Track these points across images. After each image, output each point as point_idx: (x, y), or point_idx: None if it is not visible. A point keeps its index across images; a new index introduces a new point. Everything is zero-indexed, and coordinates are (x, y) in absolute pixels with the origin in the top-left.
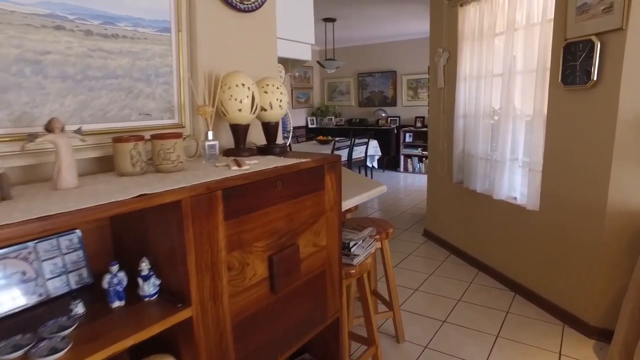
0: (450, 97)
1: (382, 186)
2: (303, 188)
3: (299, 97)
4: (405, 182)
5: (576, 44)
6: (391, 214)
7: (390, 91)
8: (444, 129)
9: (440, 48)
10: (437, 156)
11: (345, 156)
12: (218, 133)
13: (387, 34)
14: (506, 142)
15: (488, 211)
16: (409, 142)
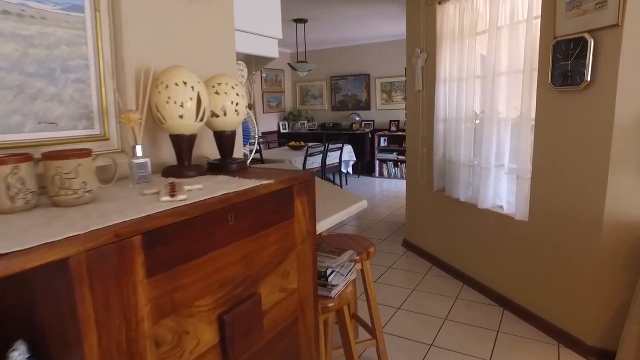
0: (429, 99)
1: (362, 201)
2: (265, 219)
3: (270, 101)
4: (381, 187)
5: (567, 43)
6: (368, 223)
7: (364, 95)
8: (422, 133)
9: (417, 48)
10: (415, 162)
11: (319, 162)
12: (158, 146)
13: (360, 36)
14: (490, 148)
15: (472, 221)
16: (383, 147)
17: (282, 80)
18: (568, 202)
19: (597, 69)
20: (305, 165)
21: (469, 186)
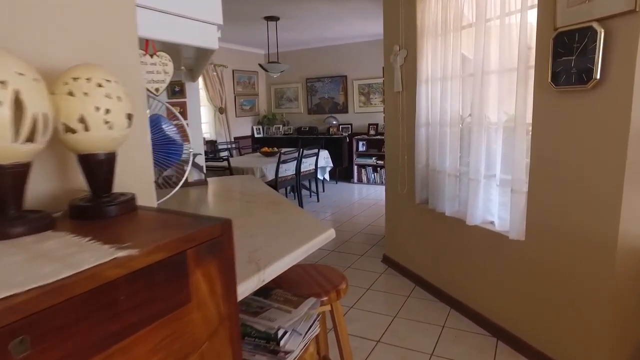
0: (409, 102)
1: (328, 231)
2: (123, 321)
3: (243, 104)
4: (360, 194)
5: (571, 34)
6: (345, 235)
7: (341, 97)
8: (403, 139)
9: (396, 45)
10: (395, 171)
11: (293, 169)
12: None
13: (336, 35)
14: (479, 156)
15: (460, 238)
16: (362, 152)
17: (255, 82)
18: (573, 221)
19: (609, 64)
20: (277, 173)
21: (456, 199)
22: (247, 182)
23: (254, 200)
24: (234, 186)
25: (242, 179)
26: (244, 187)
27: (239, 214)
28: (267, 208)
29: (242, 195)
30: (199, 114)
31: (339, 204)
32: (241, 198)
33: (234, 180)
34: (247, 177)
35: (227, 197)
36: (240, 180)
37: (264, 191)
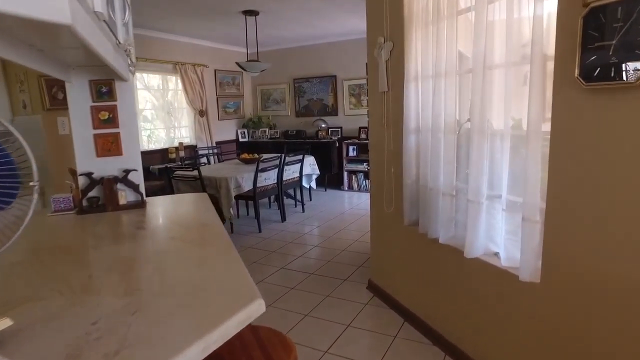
0: (397, 104)
1: (255, 302)
2: None
3: (227, 106)
4: (350, 203)
5: (610, 10)
6: (329, 254)
7: (330, 99)
8: (389, 148)
9: (380, 37)
10: (380, 186)
11: (275, 178)
12: None
13: (324, 33)
14: (480, 171)
15: (457, 271)
16: (352, 157)
17: (240, 83)
18: (609, 266)
19: None
20: (256, 183)
21: (451, 223)
22: (193, 205)
23: (182, 236)
24: (174, 210)
25: (192, 199)
26: (184, 212)
27: (143, 265)
28: (192, 253)
29: (172, 226)
30: (134, 121)
31: (327, 214)
32: (168, 232)
33: (181, 200)
34: (197, 197)
35: (151, 229)
36: (188, 201)
37: (206, 221)
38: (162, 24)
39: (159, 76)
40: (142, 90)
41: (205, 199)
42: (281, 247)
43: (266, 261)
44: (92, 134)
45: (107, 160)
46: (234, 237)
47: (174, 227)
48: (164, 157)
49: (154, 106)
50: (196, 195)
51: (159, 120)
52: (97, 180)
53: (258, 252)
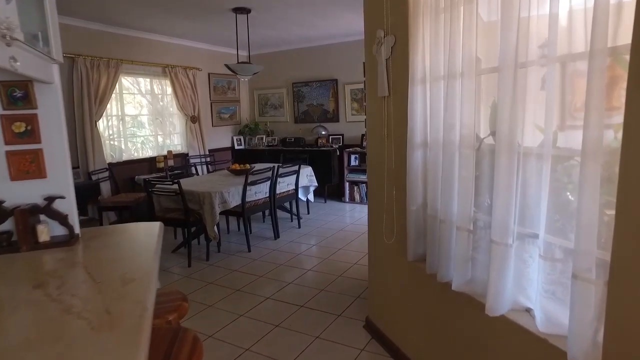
0: (399, 112)
1: None
2: None
3: (221, 112)
4: (351, 217)
5: None
6: (323, 280)
7: (331, 104)
8: (389, 165)
9: (380, 30)
10: (380, 210)
11: (267, 191)
12: None
13: (324, 34)
14: (508, 202)
15: (475, 326)
16: (354, 166)
17: (236, 87)
18: None
19: None
20: (244, 197)
21: (467, 264)
22: (136, 242)
23: (86, 306)
24: (106, 251)
25: (139, 233)
26: (116, 256)
27: None
28: (80, 345)
29: (85, 283)
30: (62, 134)
31: (325, 230)
32: (71, 295)
33: (125, 233)
34: (146, 230)
35: (53, 288)
36: (134, 235)
37: (135, 274)
38: (150, 24)
39: (148, 80)
40: (136, 95)
41: (155, 231)
42: (271, 270)
43: (252, 288)
44: (3, 151)
45: (24, 184)
46: (220, 257)
47: (84, 287)
48: (152, 167)
49: (148, 111)
50: (147, 227)
51: (154, 126)
52: (8, 210)
53: (244, 276)
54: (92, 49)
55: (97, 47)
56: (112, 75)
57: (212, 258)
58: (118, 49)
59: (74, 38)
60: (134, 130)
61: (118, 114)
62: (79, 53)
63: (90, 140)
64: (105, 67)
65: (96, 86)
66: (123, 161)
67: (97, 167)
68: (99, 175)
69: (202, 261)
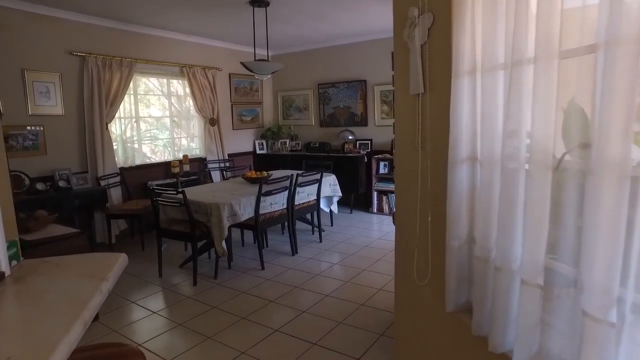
0: (438, 114)
1: None
2: None
3: (243, 114)
4: (379, 230)
5: None
6: (344, 309)
7: (359, 106)
8: (425, 184)
9: (413, 7)
10: (409, 239)
11: (284, 203)
12: None
13: (351, 31)
14: (611, 252)
15: None
16: (383, 174)
17: (259, 88)
18: None
19: None
20: (258, 209)
21: (536, 331)
22: (69, 291)
23: None
24: (20, 300)
25: (85, 270)
26: (25, 314)
27: None
28: None
29: None
30: None
31: (348, 246)
32: None
33: (69, 268)
34: (99, 267)
35: None
36: (75, 273)
37: (14, 350)
38: (164, 20)
39: (164, 80)
40: (151, 96)
41: (106, 273)
42: (284, 294)
43: (259, 317)
44: None
45: None
46: (230, 275)
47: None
48: (167, 172)
49: (164, 113)
50: (104, 263)
51: (170, 129)
52: None
53: (253, 300)
54: (104, 47)
55: (110, 46)
56: (126, 75)
57: (221, 276)
58: (132, 48)
59: (85, 36)
60: (155, 133)
61: (131, 115)
62: (90, 52)
63: (100, 144)
64: (118, 66)
65: (108, 87)
66: (136, 165)
67: (106, 172)
68: (109, 181)
69: (210, 279)
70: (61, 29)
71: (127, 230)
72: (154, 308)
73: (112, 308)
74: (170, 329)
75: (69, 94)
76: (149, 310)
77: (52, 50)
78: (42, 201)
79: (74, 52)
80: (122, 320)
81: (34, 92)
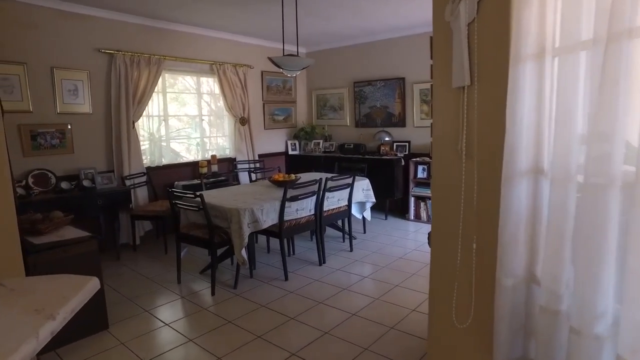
0: (490, 112)
1: None
2: None
3: (275, 114)
4: (415, 240)
5: None
6: (371, 333)
7: (397, 106)
8: (469, 200)
9: None
10: (448, 271)
11: (312, 209)
12: None
13: (389, 26)
14: None
15: None
16: (421, 179)
17: (292, 87)
18: None
19: None
20: (282, 216)
21: None
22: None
23: None
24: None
25: (42, 289)
26: None
27: None
28: None
29: None
30: None
31: (380, 257)
32: None
33: (18, 302)
34: (60, 296)
35: None
36: (24, 300)
37: None
38: (193, 16)
39: (194, 78)
40: (180, 94)
41: (58, 298)
42: (307, 309)
43: (276, 336)
44: None
45: None
46: (251, 285)
47: None
48: (195, 172)
49: (194, 112)
50: (66, 290)
51: (200, 128)
52: None
53: (272, 316)
54: (132, 44)
55: (138, 43)
56: (154, 73)
57: (242, 285)
58: (160, 45)
59: (113, 33)
60: (189, 132)
61: (160, 114)
62: (118, 49)
63: (127, 142)
64: (146, 63)
65: (135, 84)
66: (163, 165)
67: (132, 171)
68: (135, 180)
69: (229, 289)
70: (90, 26)
71: (152, 231)
72: (167, 319)
73: (124, 316)
74: (179, 344)
75: (97, 92)
76: (162, 322)
77: (80, 48)
78: (65, 200)
79: (102, 49)
80: (131, 330)
81: (62, 91)
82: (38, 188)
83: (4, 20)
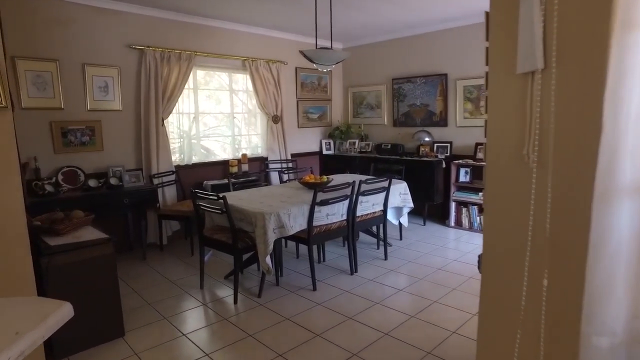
0: (572, 104)
1: None
2: None
3: (309, 112)
4: (456, 249)
5: None
6: (404, 358)
7: (438, 104)
8: (539, 223)
9: None
10: (508, 315)
11: (343, 214)
12: None
13: (429, 18)
14: None
15: None
16: (464, 183)
17: (328, 84)
18: None
19: None
20: (311, 221)
21: None
22: None
23: None
24: None
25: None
26: None
27: None
28: None
29: None
30: None
31: (417, 268)
32: None
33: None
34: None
35: None
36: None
37: None
38: (225, 11)
39: (225, 74)
40: (212, 90)
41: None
42: (334, 326)
43: (295, 356)
44: None
45: None
46: (276, 294)
47: None
48: (225, 171)
49: (225, 109)
50: (29, 312)
51: (232, 126)
52: None
53: (296, 331)
54: (162, 40)
55: (169, 38)
56: (184, 69)
57: (266, 294)
58: (191, 40)
59: (144, 29)
60: (223, 130)
61: (190, 111)
62: (149, 45)
63: (155, 140)
64: (177, 59)
65: (165, 81)
66: (192, 164)
67: (161, 170)
68: (163, 179)
69: (253, 297)
70: (122, 22)
71: (180, 231)
72: (185, 329)
73: (142, 323)
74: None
75: (127, 89)
76: (179, 331)
77: (111, 44)
78: (92, 198)
79: (132, 45)
80: (147, 340)
81: (93, 87)
82: (67, 185)
83: (39, 18)
